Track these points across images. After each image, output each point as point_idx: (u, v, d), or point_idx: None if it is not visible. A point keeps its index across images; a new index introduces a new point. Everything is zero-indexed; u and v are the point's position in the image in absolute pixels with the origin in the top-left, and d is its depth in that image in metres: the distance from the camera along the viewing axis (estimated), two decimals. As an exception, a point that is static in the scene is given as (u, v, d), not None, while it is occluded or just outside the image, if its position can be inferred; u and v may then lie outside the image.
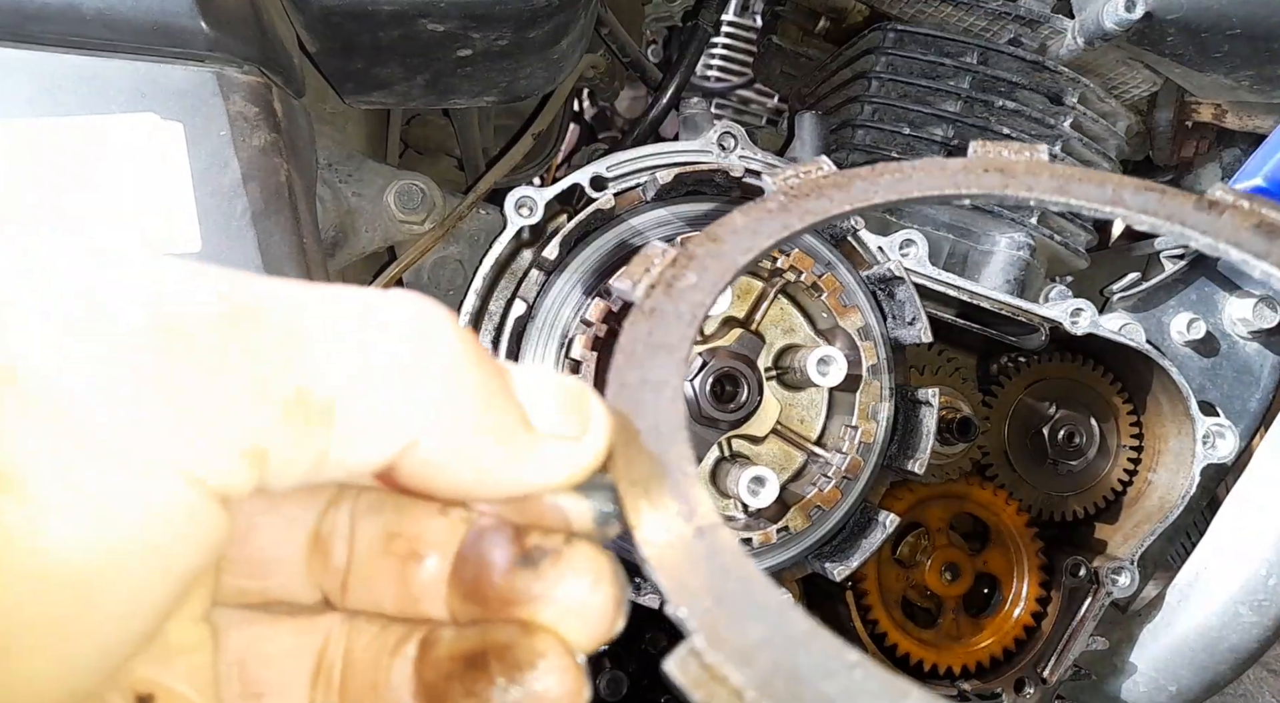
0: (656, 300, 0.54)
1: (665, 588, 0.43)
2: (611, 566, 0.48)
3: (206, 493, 0.40)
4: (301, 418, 0.41)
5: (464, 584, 0.49)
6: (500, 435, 0.45)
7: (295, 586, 0.51)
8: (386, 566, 0.51)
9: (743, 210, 0.62)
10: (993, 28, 1.47)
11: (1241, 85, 1.37)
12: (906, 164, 0.65)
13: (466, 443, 0.45)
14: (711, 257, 0.57)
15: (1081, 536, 1.48)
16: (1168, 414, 1.40)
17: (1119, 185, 0.63)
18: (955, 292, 1.30)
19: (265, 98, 0.98)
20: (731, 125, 1.27)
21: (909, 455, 1.23)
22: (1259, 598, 1.26)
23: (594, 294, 1.17)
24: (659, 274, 0.56)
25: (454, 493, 0.47)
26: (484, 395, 0.45)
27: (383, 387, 0.43)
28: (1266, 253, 0.60)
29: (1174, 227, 0.62)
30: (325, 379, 0.42)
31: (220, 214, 0.94)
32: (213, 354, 0.40)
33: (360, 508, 0.52)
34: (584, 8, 1.14)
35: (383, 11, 1.01)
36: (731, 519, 1.21)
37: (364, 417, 0.42)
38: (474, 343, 0.46)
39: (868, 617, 1.38)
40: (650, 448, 0.48)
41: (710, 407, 1.14)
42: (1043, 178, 0.65)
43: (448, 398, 0.44)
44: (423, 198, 1.28)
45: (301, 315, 0.42)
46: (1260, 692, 1.62)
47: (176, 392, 0.39)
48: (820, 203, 0.63)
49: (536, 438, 0.46)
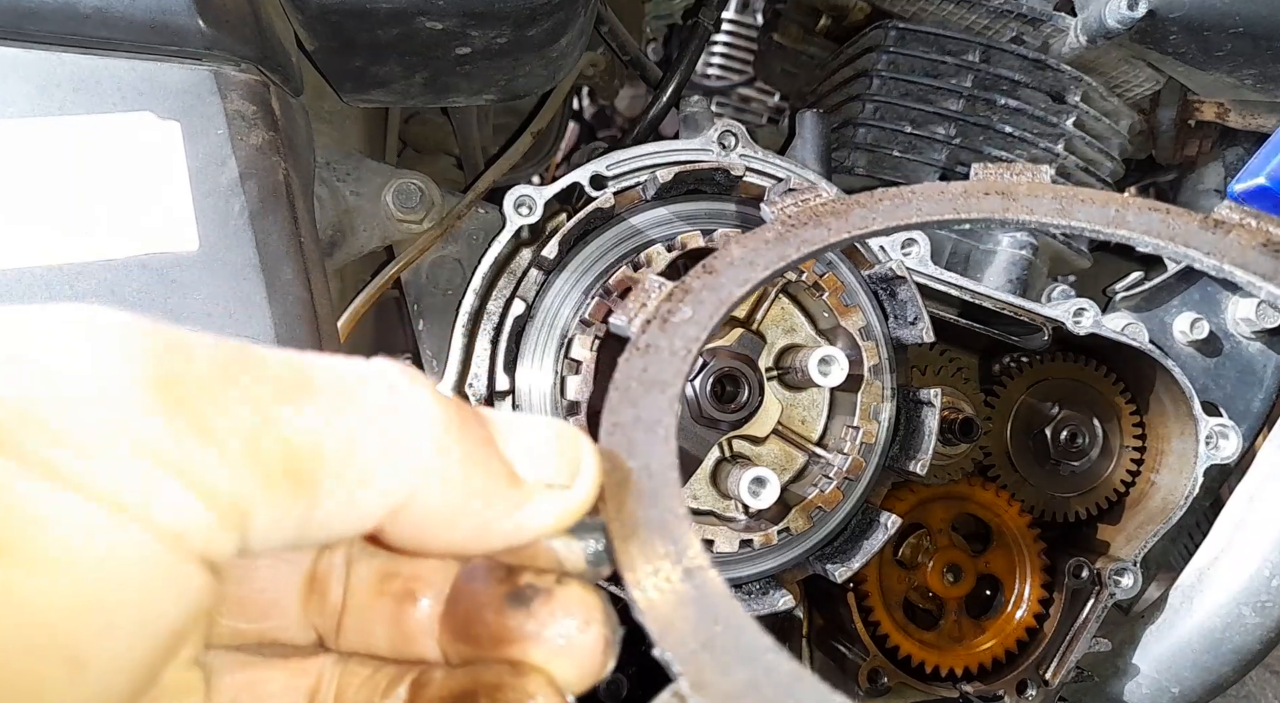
0: (651, 336, 0.55)
1: (652, 631, 0.44)
2: (602, 605, 0.49)
3: (188, 555, 0.40)
4: (286, 483, 0.41)
5: (456, 624, 0.50)
6: (488, 494, 0.46)
7: (291, 627, 0.52)
8: (381, 606, 0.51)
9: (739, 241, 0.62)
10: (995, 26, 1.46)
11: (1244, 84, 1.36)
12: (906, 189, 0.65)
13: (454, 505, 0.45)
14: (707, 289, 0.58)
15: (1084, 537, 1.48)
16: (1171, 415, 1.40)
17: (1122, 206, 0.63)
18: (957, 291, 1.30)
19: (263, 96, 0.97)
20: (732, 124, 1.26)
21: (911, 456, 1.22)
22: (1262, 599, 1.25)
23: (593, 294, 1.17)
24: (654, 309, 0.56)
25: (444, 551, 0.48)
26: (469, 456, 0.46)
27: (366, 454, 0.43)
28: (1273, 273, 0.59)
29: (1178, 248, 0.61)
30: (310, 445, 0.42)
31: (218, 213, 0.93)
32: (199, 415, 0.40)
33: (356, 549, 0.52)
34: (583, 5, 1.13)
35: (381, 9, 1.00)
36: (732, 520, 1.21)
37: (349, 484, 0.43)
38: (455, 404, 0.47)
39: (869, 618, 1.38)
40: (642, 489, 0.48)
41: (711, 407, 1.13)
42: (1044, 199, 0.64)
43: (432, 463, 0.45)
44: (421, 197, 1.27)
45: (289, 381, 0.43)
46: (1263, 693, 1.61)
47: (161, 454, 0.39)
48: (818, 232, 0.63)
49: (525, 491, 0.47)
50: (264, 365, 0.43)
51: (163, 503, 0.39)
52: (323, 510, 0.43)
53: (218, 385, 0.41)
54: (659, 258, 1.15)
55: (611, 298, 1.14)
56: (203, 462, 0.39)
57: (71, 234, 0.90)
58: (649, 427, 0.51)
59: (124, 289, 0.90)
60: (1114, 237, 0.62)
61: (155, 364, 0.40)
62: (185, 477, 0.39)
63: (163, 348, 0.41)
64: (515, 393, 1.20)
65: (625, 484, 0.49)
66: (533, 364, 1.20)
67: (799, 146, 1.37)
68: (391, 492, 0.44)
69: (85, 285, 0.90)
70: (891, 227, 0.63)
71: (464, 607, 0.50)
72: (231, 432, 0.40)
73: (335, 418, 0.43)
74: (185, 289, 0.91)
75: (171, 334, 0.42)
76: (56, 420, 0.38)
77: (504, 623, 0.48)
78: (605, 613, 0.48)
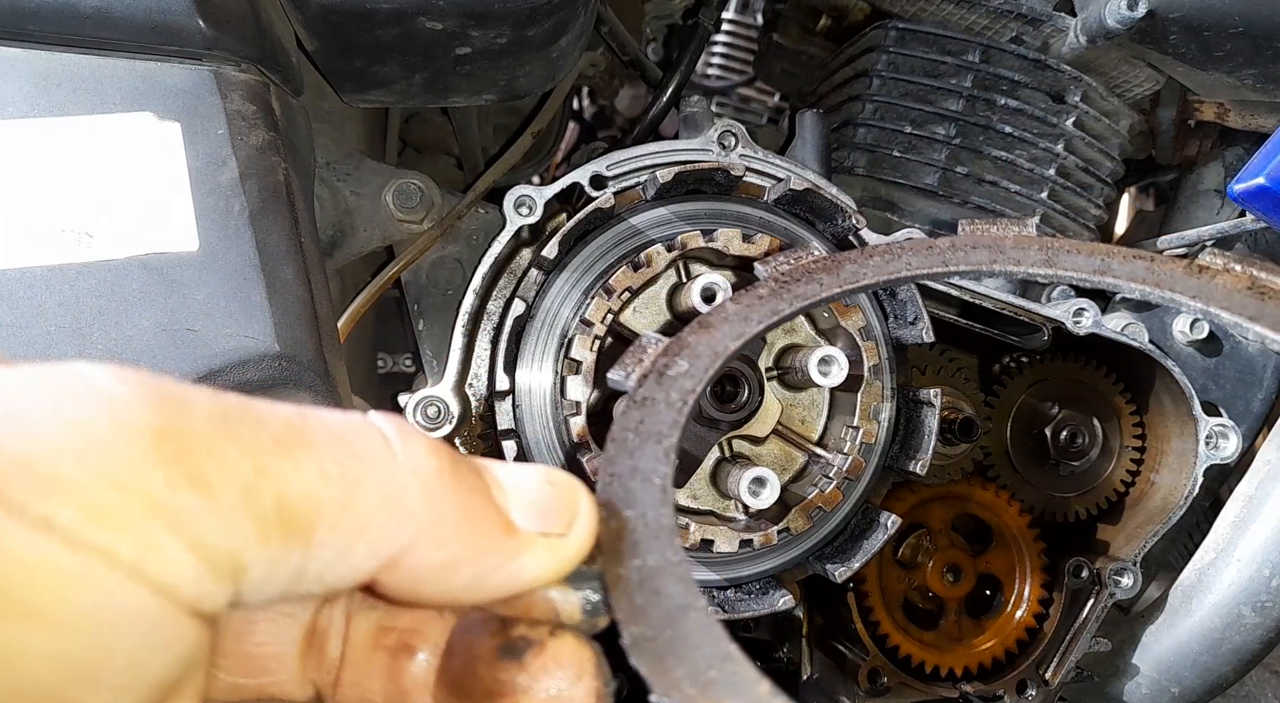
0: (649, 389, 0.56)
1: (648, 677, 0.44)
2: (595, 658, 0.49)
3: (180, 607, 0.40)
4: (281, 535, 0.42)
5: (451, 677, 0.50)
6: (483, 545, 0.47)
7: (289, 682, 0.52)
8: (377, 660, 0.52)
9: (735, 297, 0.64)
10: (995, 26, 1.46)
11: (1244, 84, 1.36)
12: (895, 244, 0.68)
13: (449, 556, 0.46)
14: (703, 343, 0.60)
15: (1084, 537, 1.48)
16: (1170, 415, 1.40)
17: (1108, 255, 0.65)
18: (957, 291, 1.30)
19: (263, 96, 0.97)
20: (732, 124, 1.26)
21: (911, 456, 1.22)
22: (1262, 599, 1.25)
23: (593, 294, 1.17)
24: (651, 364, 0.58)
25: (438, 602, 0.48)
26: (463, 507, 0.47)
27: (362, 507, 0.44)
28: (1259, 315, 0.60)
29: (1164, 293, 0.63)
30: (306, 497, 0.42)
31: (218, 213, 0.93)
32: (196, 468, 0.40)
33: (356, 602, 0.52)
34: (583, 5, 1.13)
35: (381, 10, 1.00)
36: (732, 520, 1.21)
37: (343, 536, 0.43)
38: (450, 455, 0.47)
39: (869, 618, 1.38)
40: (638, 539, 0.49)
41: (711, 407, 1.13)
42: (1030, 251, 0.67)
43: (426, 516, 0.45)
44: (421, 197, 1.27)
45: (286, 435, 0.43)
46: (1263, 693, 1.61)
47: (157, 506, 0.39)
48: (810, 287, 0.65)
49: (520, 541, 0.48)
50: (261, 420, 0.43)
51: (157, 556, 0.39)
52: (317, 562, 0.43)
53: (215, 438, 0.41)
54: (659, 258, 1.15)
55: (612, 298, 1.14)
56: (198, 514, 0.40)
57: (71, 234, 0.90)
58: (645, 477, 0.52)
59: (124, 289, 0.90)
60: (1100, 284, 0.64)
61: (153, 417, 0.40)
62: (180, 529, 0.40)
63: (161, 402, 0.41)
64: (515, 393, 1.20)
65: (621, 534, 0.50)
66: (533, 364, 1.20)
67: (799, 146, 1.37)
68: (386, 544, 0.45)
69: (85, 285, 0.90)
70: (881, 281, 0.66)
71: (459, 660, 0.50)
72: (228, 484, 0.41)
73: (331, 471, 0.43)
74: (185, 289, 0.91)
75: (171, 388, 0.42)
76: (52, 472, 0.38)
77: (496, 676, 0.48)
78: (597, 666, 0.49)
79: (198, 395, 0.43)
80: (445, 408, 1.21)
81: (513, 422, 1.19)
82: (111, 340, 0.90)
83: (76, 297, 0.89)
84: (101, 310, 0.90)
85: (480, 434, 1.26)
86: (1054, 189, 1.48)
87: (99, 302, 0.90)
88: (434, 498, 0.46)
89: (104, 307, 0.90)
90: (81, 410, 0.40)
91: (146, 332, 0.90)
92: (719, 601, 1.20)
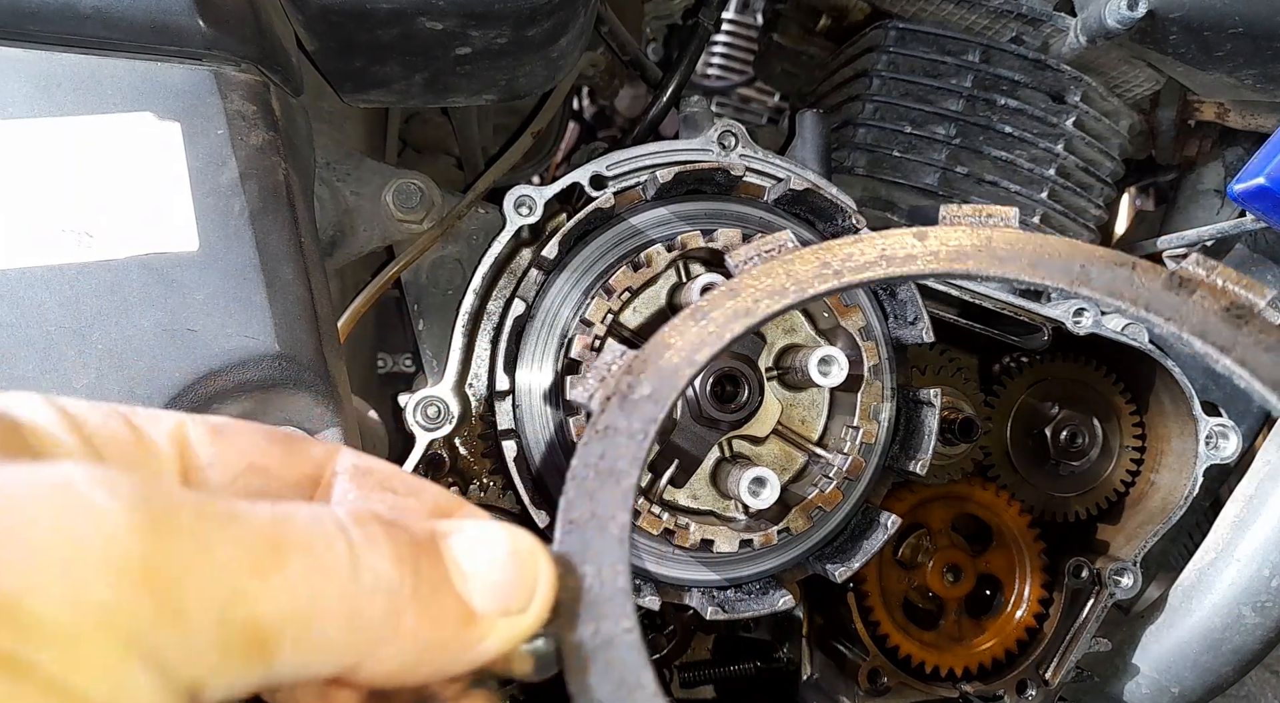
0: (610, 416, 0.56)
1: None
2: None
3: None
4: (245, 654, 0.43)
5: None
6: (443, 643, 0.49)
7: None
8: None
9: (693, 312, 0.63)
10: (995, 26, 1.46)
11: (1244, 84, 1.36)
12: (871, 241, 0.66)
13: (409, 659, 0.48)
14: (667, 361, 0.59)
15: (1084, 537, 1.48)
16: (1171, 415, 1.40)
17: (1088, 260, 0.62)
18: (957, 291, 1.30)
19: (263, 96, 0.97)
20: (732, 124, 1.26)
21: (911, 456, 1.22)
22: (1262, 599, 1.25)
23: (593, 294, 1.17)
24: (615, 384, 0.57)
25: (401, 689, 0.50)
26: (423, 611, 0.48)
27: (324, 624, 0.45)
28: (1230, 345, 0.58)
29: (1139, 312, 0.61)
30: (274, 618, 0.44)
31: (218, 213, 0.93)
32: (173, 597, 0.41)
33: None
34: (583, 5, 1.13)
35: (381, 10, 1.00)
36: (732, 520, 1.21)
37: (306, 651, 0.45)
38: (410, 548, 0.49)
39: (869, 618, 1.38)
40: (592, 599, 0.50)
41: (711, 407, 1.13)
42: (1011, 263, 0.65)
43: (387, 629, 0.47)
44: (421, 197, 1.27)
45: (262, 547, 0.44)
46: (1263, 693, 1.61)
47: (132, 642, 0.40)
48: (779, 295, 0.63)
49: (481, 629, 0.50)
50: (241, 534, 0.44)
51: (129, 695, 0.40)
52: (277, 673, 0.45)
53: (197, 561, 0.42)
54: (659, 258, 1.15)
55: (612, 298, 1.14)
56: (172, 646, 0.41)
57: (71, 234, 0.90)
58: (602, 524, 0.52)
59: (124, 289, 0.90)
60: (1078, 294, 0.63)
61: (141, 545, 0.41)
62: (152, 662, 0.40)
63: (151, 524, 0.41)
64: (515, 393, 1.20)
65: (577, 595, 0.51)
66: (533, 364, 1.20)
67: (799, 146, 1.37)
68: (347, 657, 0.47)
69: (85, 285, 0.90)
70: (858, 281, 0.64)
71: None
72: (203, 613, 0.42)
73: (300, 591, 0.45)
74: (185, 289, 0.91)
75: (158, 503, 0.42)
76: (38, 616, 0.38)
77: None
78: None
79: (184, 508, 0.43)
80: (445, 408, 1.21)
81: (513, 421, 1.19)
82: (111, 340, 0.90)
83: (76, 297, 0.89)
84: (101, 310, 0.90)
85: (480, 434, 1.27)
86: (1054, 189, 1.48)
87: (99, 302, 0.90)
88: (395, 611, 0.47)
89: (104, 306, 0.90)
90: (71, 539, 0.40)
91: (146, 332, 0.90)
92: (719, 601, 1.20)
